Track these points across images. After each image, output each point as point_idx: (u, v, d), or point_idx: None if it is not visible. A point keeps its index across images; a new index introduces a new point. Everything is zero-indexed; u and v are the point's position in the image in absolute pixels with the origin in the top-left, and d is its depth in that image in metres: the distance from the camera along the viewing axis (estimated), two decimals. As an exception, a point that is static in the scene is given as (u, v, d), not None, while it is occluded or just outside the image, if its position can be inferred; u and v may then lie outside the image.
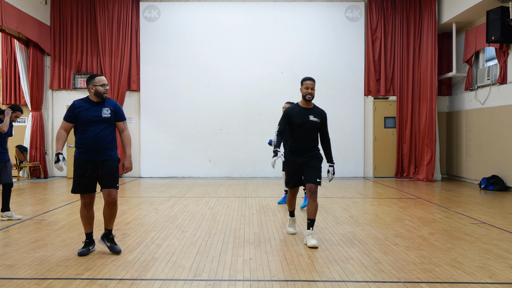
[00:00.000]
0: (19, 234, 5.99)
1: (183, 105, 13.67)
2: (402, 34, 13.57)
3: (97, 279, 4.11)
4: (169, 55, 13.72)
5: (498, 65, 11.16)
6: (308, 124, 5.47)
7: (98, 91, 4.89)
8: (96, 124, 4.84)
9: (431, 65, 12.95)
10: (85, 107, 4.87)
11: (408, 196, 9.75)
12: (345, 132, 13.52)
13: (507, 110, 10.75)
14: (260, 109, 13.73)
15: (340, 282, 4.07)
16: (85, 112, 4.84)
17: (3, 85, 13.58)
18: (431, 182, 12.59)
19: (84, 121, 4.82)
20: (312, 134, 5.52)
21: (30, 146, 13.25)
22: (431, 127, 12.95)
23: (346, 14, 13.73)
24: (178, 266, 4.55)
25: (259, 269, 4.44)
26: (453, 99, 13.80)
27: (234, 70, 13.71)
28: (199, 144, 13.70)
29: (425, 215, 7.39)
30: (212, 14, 13.75)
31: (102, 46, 13.53)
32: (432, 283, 4.04)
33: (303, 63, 13.65)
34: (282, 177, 8.56)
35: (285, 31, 13.75)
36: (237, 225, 6.58)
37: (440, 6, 13.05)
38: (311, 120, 5.46)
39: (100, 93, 4.89)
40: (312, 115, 5.49)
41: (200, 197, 9.52)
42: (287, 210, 7.88)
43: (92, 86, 4.90)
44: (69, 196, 9.65)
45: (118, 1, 13.54)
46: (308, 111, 5.53)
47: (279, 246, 5.36)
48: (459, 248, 5.24)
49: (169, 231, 6.11)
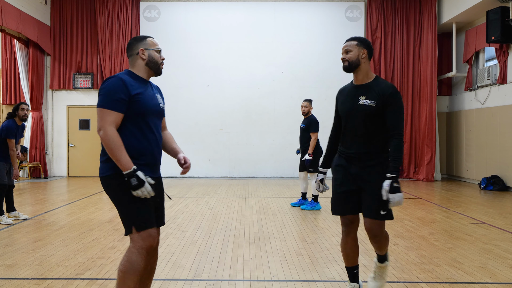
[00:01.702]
0: (19, 234, 5.99)
1: (183, 105, 13.67)
2: (402, 34, 13.57)
3: (97, 279, 4.11)
4: (169, 55, 13.68)
5: (498, 65, 11.16)
6: (356, 111, 3.41)
7: (154, 59, 3.04)
8: (155, 118, 3.03)
9: (431, 65, 12.96)
10: (140, 88, 2.95)
11: (408, 196, 9.75)
12: (345, 132, 13.50)
13: (507, 110, 10.75)
14: (260, 109, 13.73)
15: (340, 282, 4.07)
16: (144, 96, 2.94)
17: (3, 85, 13.58)
18: (431, 182, 12.59)
19: (144, 112, 2.92)
20: (363, 128, 3.38)
21: (30, 146, 13.25)
22: (431, 127, 12.96)
23: (346, 14, 13.73)
24: (178, 266, 4.54)
25: (259, 269, 4.44)
26: (453, 99, 13.80)
27: (234, 70, 13.71)
28: (199, 144, 13.70)
29: (425, 215, 7.39)
30: (212, 14, 13.75)
31: (102, 46, 13.53)
32: (432, 283, 4.04)
33: (303, 63, 13.65)
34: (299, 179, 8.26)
35: (285, 31, 13.75)
36: (237, 225, 6.58)
37: (440, 6, 13.05)
38: (362, 103, 3.38)
39: (157, 63, 3.05)
40: (364, 95, 3.39)
41: (200, 197, 9.52)
42: (292, 210, 7.91)
43: (144, 50, 3.01)
44: (69, 196, 9.66)
45: (118, 1, 13.54)
46: (359, 90, 3.45)
47: (279, 246, 5.36)
48: (459, 248, 5.24)
49: (169, 231, 6.11)
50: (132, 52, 3.05)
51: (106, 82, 2.90)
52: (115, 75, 2.90)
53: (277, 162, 13.62)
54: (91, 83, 13.59)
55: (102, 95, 2.86)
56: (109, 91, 2.83)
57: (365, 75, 3.43)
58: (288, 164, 13.34)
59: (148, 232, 2.86)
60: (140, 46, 3.03)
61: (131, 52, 3.05)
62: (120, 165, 2.78)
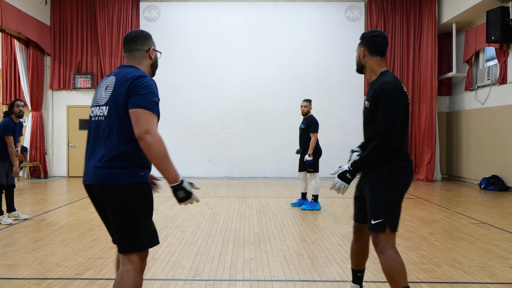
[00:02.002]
0: (19, 234, 5.99)
1: (183, 105, 13.67)
2: (402, 34, 13.57)
3: (97, 279, 4.11)
4: (169, 55, 13.69)
5: (498, 65, 11.16)
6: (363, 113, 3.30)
7: (157, 62, 2.94)
8: None
9: (431, 65, 12.96)
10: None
11: (408, 196, 9.75)
12: (346, 132, 13.50)
13: (507, 110, 10.75)
14: (260, 109, 13.73)
15: (340, 282, 4.07)
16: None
17: (3, 85, 13.58)
18: (431, 182, 12.59)
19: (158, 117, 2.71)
20: (365, 133, 3.28)
21: (30, 146, 13.25)
22: (431, 127, 12.96)
23: (346, 14, 13.73)
24: (178, 266, 4.54)
25: (259, 269, 4.44)
26: (453, 99, 13.80)
27: (234, 70, 13.71)
28: (199, 144, 13.70)
29: (425, 215, 7.39)
30: (212, 14, 13.75)
31: (102, 46, 13.53)
32: (432, 283, 4.04)
33: (303, 63, 13.65)
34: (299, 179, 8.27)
35: (285, 31, 13.75)
36: (237, 225, 6.58)
37: (440, 6, 13.05)
38: (365, 105, 3.24)
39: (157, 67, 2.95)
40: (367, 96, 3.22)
41: (200, 197, 9.50)
42: (292, 210, 7.91)
43: (153, 50, 2.87)
44: (69, 196, 9.66)
45: (118, 1, 13.54)
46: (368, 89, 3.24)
47: (279, 246, 5.36)
48: (459, 248, 5.24)
49: (169, 231, 6.11)
50: (141, 47, 2.80)
51: (144, 80, 2.60)
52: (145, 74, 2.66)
53: (277, 162, 13.62)
54: (91, 83, 13.59)
55: (145, 95, 2.56)
56: (152, 92, 2.59)
57: (372, 72, 3.22)
58: (288, 164, 13.34)
59: (148, 251, 2.67)
60: (151, 44, 2.85)
61: (140, 46, 2.80)
62: (168, 176, 2.52)
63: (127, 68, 2.73)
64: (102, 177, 2.55)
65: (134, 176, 2.57)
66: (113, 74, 2.75)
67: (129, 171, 2.57)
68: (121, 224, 2.57)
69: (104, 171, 2.55)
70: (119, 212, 2.56)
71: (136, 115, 2.52)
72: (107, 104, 2.63)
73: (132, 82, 2.59)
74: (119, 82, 2.64)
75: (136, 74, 2.63)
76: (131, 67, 2.73)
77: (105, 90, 2.68)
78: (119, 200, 2.55)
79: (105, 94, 2.68)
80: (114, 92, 2.62)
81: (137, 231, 2.57)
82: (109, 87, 2.67)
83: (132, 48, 2.80)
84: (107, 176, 2.54)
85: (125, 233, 2.56)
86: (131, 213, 2.56)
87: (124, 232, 2.56)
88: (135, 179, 2.57)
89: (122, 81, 2.62)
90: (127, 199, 2.55)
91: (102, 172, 2.56)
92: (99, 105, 2.69)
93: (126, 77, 2.63)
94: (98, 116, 2.67)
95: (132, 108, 2.54)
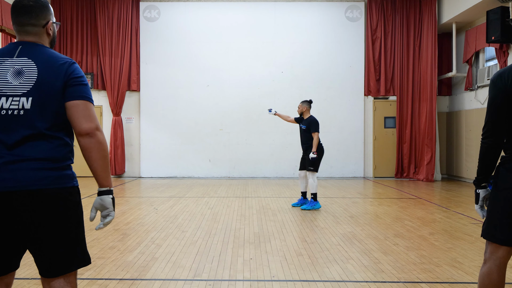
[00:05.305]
0: (19, 234, 5.98)
1: (183, 105, 13.67)
2: (402, 34, 13.57)
3: (97, 279, 4.11)
4: (169, 55, 13.71)
5: (498, 65, 11.16)
6: None
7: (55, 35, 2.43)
8: None
9: (431, 65, 12.96)
10: None
11: (408, 196, 9.75)
12: (345, 132, 13.51)
13: (507, 110, 10.73)
14: (260, 109, 13.70)
15: (340, 282, 4.07)
16: None
17: (3, 85, 13.57)
18: (431, 182, 12.59)
19: None
20: None
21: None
22: (431, 127, 12.96)
23: (346, 14, 13.72)
24: (178, 266, 4.54)
25: (259, 269, 4.44)
26: (453, 99, 13.80)
27: (234, 70, 13.70)
28: (199, 144, 13.70)
29: (425, 215, 7.39)
30: (212, 14, 13.75)
31: (102, 46, 13.53)
32: (432, 283, 4.04)
33: (303, 63, 13.65)
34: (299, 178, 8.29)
35: (285, 31, 13.74)
36: (237, 225, 6.58)
37: (440, 6, 13.05)
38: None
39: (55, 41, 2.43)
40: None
41: (200, 197, 9.52)
42: (292, 210, 7.90)
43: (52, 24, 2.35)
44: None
45: (118, 1, 13.54)
46: None
47: (279, 246, 5.36)
48: (459, 248, 5.24)
49: (169, 231, 6.11)
50: (36, 21, 2.25)
51: (77, 67, 2.24)
52: (70, 58, 2.26)
53: (277, 162, 13.62)
54: (91, 83, 13.58)
55: (86, 85, 2.23)
56: (86, 80, 2.25)
57: None
58: (288, 164, 13.34)
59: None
60: (49, 16, 2.30)
61: (35, 21, 2.25)
62: (108, 178, 2.26)
63: (37, 47, 2.23)
64: (49, 180, 2.15)
65: (74, 179, 2.27)
66: (23, 55, 2.19)
67: (68, 173, 2.24)
68: (70, 235, 2.23)
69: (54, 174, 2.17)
70: (64, 222, 2.20)
71: (82, 108, 2.16)
72: (30, 95, 2.12)
73: (67, 69, 2.18)
74: (43, 67, 2.16)
75: (64, 58, 2.21)
76: (41, 47, 2.25)
77: (17, 76, 2.14)
78: (61, 207, 2.19)
79: (20, 82, 2.13)
80: (40, 80, 2.13)
81: (80, 243, 2.31)
82: (28, 73, 2.15)
83: (25, 22, 2.24)
84: (52, 180, 2.16)
85: (71, 246, 2.24)
86: (74, 221, 2.27)
87: (71, 244, 2.24)
88: (76, 183, 2.27)
89: (48, 67, 2.16)
90: (67, 206, 2.22)
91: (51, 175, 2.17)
92: (8, 95, 2.12)
93: (53, 61, 2.18)
94: (11, 110, 2.11)
95: (75, 100, 2.16)
